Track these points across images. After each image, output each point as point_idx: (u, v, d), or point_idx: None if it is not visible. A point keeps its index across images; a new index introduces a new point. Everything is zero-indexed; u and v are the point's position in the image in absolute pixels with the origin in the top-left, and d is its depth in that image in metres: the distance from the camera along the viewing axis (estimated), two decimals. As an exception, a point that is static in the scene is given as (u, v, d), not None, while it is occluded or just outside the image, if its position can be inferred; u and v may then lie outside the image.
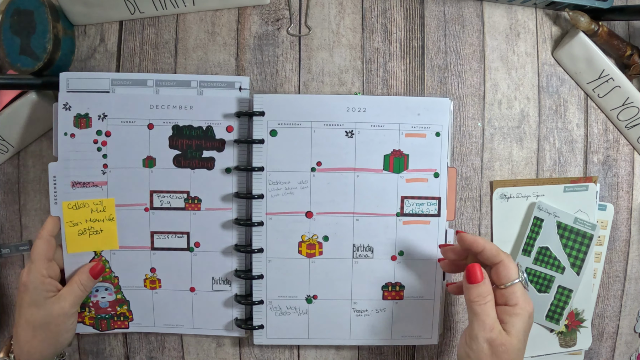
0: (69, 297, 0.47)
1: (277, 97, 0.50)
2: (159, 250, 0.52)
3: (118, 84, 0.50)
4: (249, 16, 0.53)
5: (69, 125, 0.50)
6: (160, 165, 0.51)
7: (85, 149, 0.50)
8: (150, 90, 0.50)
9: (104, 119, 0.50)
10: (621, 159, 0.55)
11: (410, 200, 0.50)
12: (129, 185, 0.51)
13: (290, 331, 0.52)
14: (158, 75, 0.51)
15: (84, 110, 0.50)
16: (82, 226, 0.51)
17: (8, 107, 0.52)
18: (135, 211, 0.51)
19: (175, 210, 0.51)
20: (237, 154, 0.51)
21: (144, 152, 0.51)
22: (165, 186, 0.51)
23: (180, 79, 0.51)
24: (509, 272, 0.42)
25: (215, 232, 0.51)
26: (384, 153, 0.50)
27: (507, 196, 0.53)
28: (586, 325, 0.56)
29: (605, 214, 0.55)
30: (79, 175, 0.50)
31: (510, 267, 0.42)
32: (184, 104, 0.50)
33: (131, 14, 0.53)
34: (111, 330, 0.53)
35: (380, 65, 0.52)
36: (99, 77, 0.50)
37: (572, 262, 0.53)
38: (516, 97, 0.54)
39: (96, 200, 0.51)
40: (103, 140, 0.50)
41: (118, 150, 0.50)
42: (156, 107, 0.50)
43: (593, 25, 0.50)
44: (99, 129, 0.50)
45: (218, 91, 0.51)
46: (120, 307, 0.53)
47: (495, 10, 0.53)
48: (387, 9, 0.52)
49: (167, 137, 0.50)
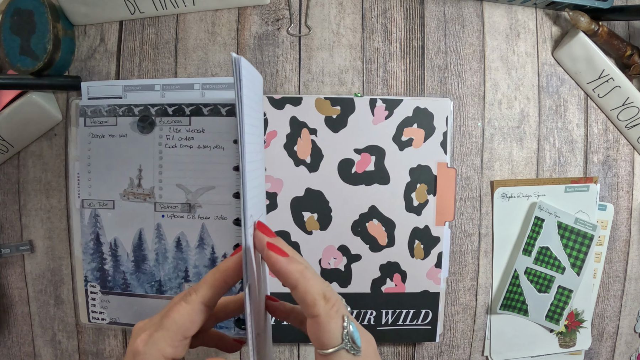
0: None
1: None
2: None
3: (129, 90, 0.52)
4: (249, 16, 0.53)
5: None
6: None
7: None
8: (157, 94, 0.52)
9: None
10: (621, 159, 0.55)
11: None
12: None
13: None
14: (164, 80, 0.52)
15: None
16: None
17: (8, 107, 0.52)
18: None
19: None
20: (235, 155, 0.51)
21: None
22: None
23: (183, 82, 0.52)
24: (328, 334, 0.28)
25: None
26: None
27: (507, 196, 0.53)
28: (586, 326, 0.56)
29: (605, 214, 0.55)
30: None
31: (330, 328, 0.28)
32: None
33: (131, 14, 0.53)
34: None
35: (380, 65, 0.52)
36: (113, 84, 0.52)
37: (573, 263, 0.53)
38: (516, 97, 0.54)
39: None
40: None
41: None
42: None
43: (593, 25, 0.50)
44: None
45: (219, 92, 0.51)
46: None
47: (495, 10, 0.53)
48: (387, 9, 0.52)
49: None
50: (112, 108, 0.52)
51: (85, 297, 0.55)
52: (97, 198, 0.53)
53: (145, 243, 0.53)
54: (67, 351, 0.56)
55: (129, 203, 0.52)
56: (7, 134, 0.53)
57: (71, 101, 0.53)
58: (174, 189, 0.51)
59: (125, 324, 0.54)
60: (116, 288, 0.54)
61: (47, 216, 0.55)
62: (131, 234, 0.53)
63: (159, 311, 0.32)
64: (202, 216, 0.51)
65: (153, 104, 0.51)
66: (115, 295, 0.54)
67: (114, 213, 0.53)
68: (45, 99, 0.53)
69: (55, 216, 0.55)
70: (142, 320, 0.32)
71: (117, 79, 0.54)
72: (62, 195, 0.55)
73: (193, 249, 0.52)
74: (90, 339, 0.55)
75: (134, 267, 0.54)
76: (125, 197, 0.52)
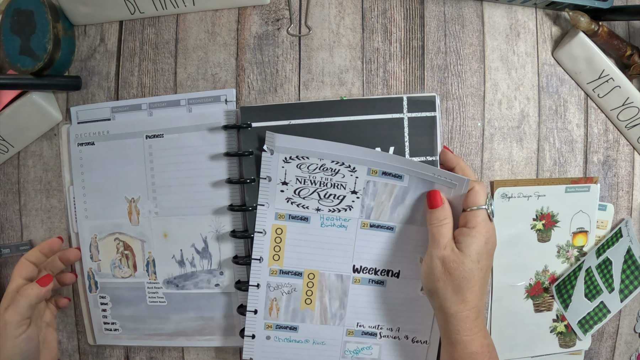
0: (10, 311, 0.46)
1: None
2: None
3: (117, 111, 0.53)
4: (249, 16, 0.53)
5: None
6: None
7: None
8: (144, 113, 0.52)
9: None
10: (621, 159, 0.55)
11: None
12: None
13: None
14: (150, 99, 0.52)
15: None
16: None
17: (8, 107, 0.52)
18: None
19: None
20: (227, 167, 0.51)
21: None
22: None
23: (170, 99, 0.52)
24: (477, 198, 0.43)
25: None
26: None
27: (508, 196, 0.53)
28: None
29: (605, 214, 0.55)
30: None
31: (480, 195, 0.43)
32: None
33: (131, 14, 0.53)
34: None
35: (380, 65, 0.52)
36: (100, 107, 0.53)
37: (622, 289, 0.53)
38: (516, 97, 0.54)
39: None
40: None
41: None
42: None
43: (593, 25, 0.50)
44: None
45: (205, 107, 0.51)
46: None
47: (495, 10, 0.53)
48: (387, 9, 0.52)
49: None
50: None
51: (85, 297, 0.55)
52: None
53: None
54: (67, 351, 0.56)
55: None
56: (7, 134, 0.53)
57: (61, 126, 0.53)
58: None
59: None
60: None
61: (47, 216, 0.55)
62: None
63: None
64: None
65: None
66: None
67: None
68: (45, 99, 0.53)
69: (55, 216, 0.55)
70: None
71: (115, 80, 0.54)
72: (62, 195, 0.55)
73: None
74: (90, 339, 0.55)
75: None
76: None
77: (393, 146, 0.49)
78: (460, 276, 0.41)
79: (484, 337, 0.42)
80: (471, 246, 0.42)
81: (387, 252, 0.49)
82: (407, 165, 0.46)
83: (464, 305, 0.42)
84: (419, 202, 0.47)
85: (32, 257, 0.50)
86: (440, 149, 0.50)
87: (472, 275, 0.41)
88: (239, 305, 0.52)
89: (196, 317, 0.53)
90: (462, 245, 0.42)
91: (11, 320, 0.45)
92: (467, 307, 0.42)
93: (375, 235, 0.49)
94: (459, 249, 0.42)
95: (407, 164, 0.46)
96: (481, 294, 0.43)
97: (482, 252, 0.42)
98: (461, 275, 0.41)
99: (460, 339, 0.42)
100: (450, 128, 0.53)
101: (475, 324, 0.42)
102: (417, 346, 0.51)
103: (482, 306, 0.43)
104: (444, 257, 0.42)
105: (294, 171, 0.47)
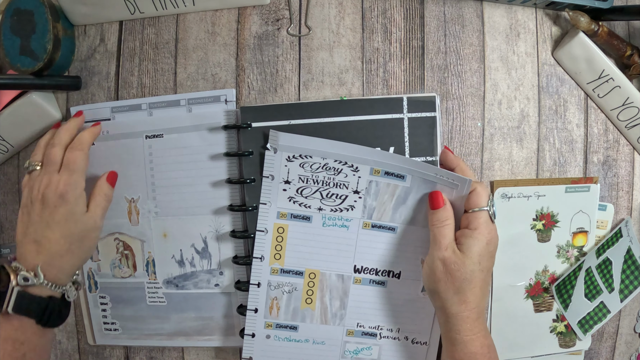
0: (98, 211, 0.46)
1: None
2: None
3: (117, 111, 0.52)
4: (249, 16, 0.53)
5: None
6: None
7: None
8: (144, 113, 0.52)
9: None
10: (621, 159, 0.55)
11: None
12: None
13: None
14: (150, 99, 0.52)
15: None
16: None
17: (8, 107, 0.52)
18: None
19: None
20: (227, 167, 0.51)
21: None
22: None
23: (170, 99, 0.52)
24: (479, 199, 0.43)
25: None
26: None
27: (508, 196, 0.53)
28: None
29: (605, 214, 0.55)
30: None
31: (481, 196, 0.44)
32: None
33: (131, 14, 0.53)
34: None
35: (380, 65, 0.52)
36: (100, 107, 0.53)
37: (622, 289, 0.53)
38: (516, 97, 0.54)
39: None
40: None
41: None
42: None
43: (593, 25, 0.50)
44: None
45: (205, 107, 0.51)
46: None
47: (495, 11, 0.53)
48: (387, 9, 0.52)
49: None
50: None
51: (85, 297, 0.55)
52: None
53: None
54: (67, 351, 0.56)
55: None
56: (7, 134, 0.53)
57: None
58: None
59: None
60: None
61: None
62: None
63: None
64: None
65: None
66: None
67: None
68: (45, 99, 0.53)
69: (55, 216, 0.55)
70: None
71: (115, 80, 0.54)
72: (62, 195, 0.55)
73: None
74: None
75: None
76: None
77: (393, 146, 0.49)
78: (462, 277, 0.41)
79: (484, 337, 0.42)
80: (473, 247, 0.42)
81: (389, 252, 0.49)
82: (410, 165, 0.46)
83: (464, 306, 0.42)
84: (421, 203, 0.47)
85: (71, 140, 0.47)
86: (441, 149, 0.50)
87: (473, 277, 0.42)
88: (239, 305, 0.52)
89: (196, 317, 0.53)
90: (463, 247, 0.42)
91: (100, 225, 0.47)
92: (468, 308, 0.42)
93: (376, 236, 0.49)
94: (461, 250, 0.42)
95: (409, 164, 0.46)
96: (482, 294, 0.43)
97: (483, 253, 0.42)
98: (462, 277, 0.41)
99: (460, 338, 0.42)
100: (450, 128, 0.53)
101: (476, 324, 0.42)
102: (417, 347, 0.51)
103: (483, 307, 0.43)
104: (446, 258, 0.42)
105: (297, 170, 0.48)
